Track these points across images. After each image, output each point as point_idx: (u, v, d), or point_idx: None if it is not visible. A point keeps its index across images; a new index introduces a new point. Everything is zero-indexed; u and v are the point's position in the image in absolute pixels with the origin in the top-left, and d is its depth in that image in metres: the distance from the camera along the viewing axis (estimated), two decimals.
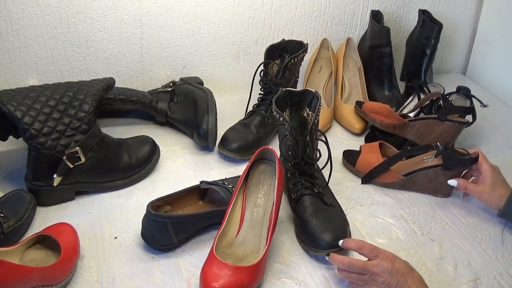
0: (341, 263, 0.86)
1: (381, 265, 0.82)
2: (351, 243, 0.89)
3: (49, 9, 1.20)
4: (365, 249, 0.86)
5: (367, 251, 0.86)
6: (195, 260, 0.92)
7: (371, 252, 0.85)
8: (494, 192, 1.01)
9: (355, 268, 0.84)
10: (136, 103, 1.24)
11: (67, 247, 0.85)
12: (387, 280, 0.81)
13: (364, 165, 1.15)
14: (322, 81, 1.43)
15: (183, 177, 1.12)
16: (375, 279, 0.82)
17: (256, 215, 0.94)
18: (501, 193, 1.01)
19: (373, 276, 0.82)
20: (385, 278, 0.81)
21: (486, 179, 1.02)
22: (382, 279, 0.81)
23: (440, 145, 1.07)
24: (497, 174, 1.03)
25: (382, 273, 0.81)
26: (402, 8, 1.56)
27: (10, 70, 1.24)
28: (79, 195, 1.04)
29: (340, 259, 0.87)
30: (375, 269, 0.82)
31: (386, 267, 0.82)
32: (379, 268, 0.82)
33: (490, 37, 1.61)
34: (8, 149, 1.15)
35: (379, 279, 0.82)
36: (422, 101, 1.28)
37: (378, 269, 0.82)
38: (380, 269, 0.82)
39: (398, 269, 0.81)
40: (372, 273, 0.82)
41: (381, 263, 0.82)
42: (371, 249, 0.85)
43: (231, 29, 1.39)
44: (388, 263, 0.82)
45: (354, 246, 0.88)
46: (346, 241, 0.90)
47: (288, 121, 0.99)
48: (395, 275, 0.81)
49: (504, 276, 0.94)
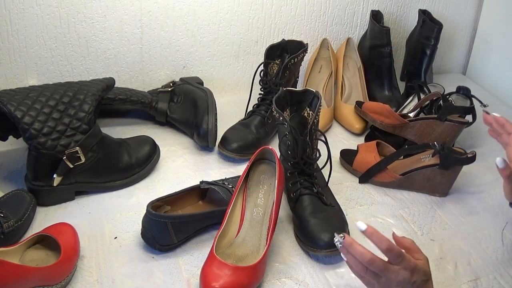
0: (361, 255, 0.75)
1: (401, 274, 0.75)
2: (380, 240, 0.75)
3: (49, 9, 1.20)
4: (392, 253, 0.75)
5: (393, 255, 0.75)
6: (195, 260, 0.92)
7: (396, 258, 0.75)
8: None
9: (375, 267, 0.75)
10: (136, 103, 1.24)
11: (67, 247, 0.85)
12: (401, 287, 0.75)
13: (361, 165, 1.15)
14: (322, 81, 1.43)
15: (183, 177, 1.12)
16: (389, 284, 0.76)
17: (256, 215, 0.94)
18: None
19: (389, 281, 0.76)
20: (397, 285, 0.75)
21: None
22: (395, 286, 0.75)
23: (437, 144, 1.07)
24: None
25: (398, 282, 0.75)
26: (402, 8, 1.56)
27: (10, 70, 1.24)
28: (79, 195, 1.04)
29: (360, 251, 0.75)
30: (393, 276, 0.75)
31: (405, 277, 0.75)
32: (397, 276, 0.75)
33: (490, 37, 1.61)
34: (8, 149, 1.15)
35: (394, 287, 0.76)
36: (422, 101, 1.28)
37: (396, 276, 0.75)
38: (398, 277, 0.75)
39: (415, 282, 0.75)
40: (389, 278, 0.75)
41: (401, 272, 0.75)
42: (398, 255, 0.75)
43: (231, 29, 1.39)
44: (408, 273, 0.75)
45: (383, 246, 0.75)
46: (373, 234, 0.76)
47: (287, 121, 0.99)
48: (412, 281, 0.75)
49: (504, 276, 0.94)
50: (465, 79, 1.70)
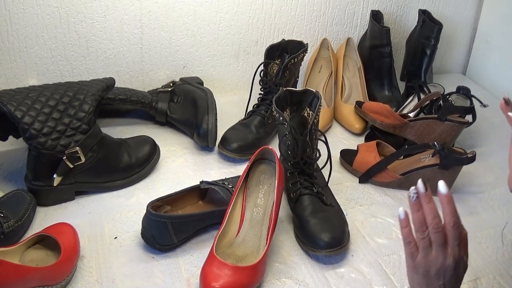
0: (432, 218, 0.67)
1: (449, 259, 0.68)
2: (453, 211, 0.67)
3: (49, 9, 1.20)
4: (457, 231, 0.68)
5: (455, 234, 0.68)
6: (195, 260, 0.92)
7: (457, 239, 0.68)
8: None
9: (438, 235, 0.67)
10: (136, 103, 1.24)
11: (67, 247, 0.85)
12: (439, 275, 0.69)
13: (361, 165, 1.15)
14: (322, 81, 1.43)
15: (183, 177, 1.12)
16: (432, 264, 0.69)
17: (256, 215, 0.94)
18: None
19: (434, 260, 0.69)
20: (440, 273, 0.69)
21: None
22: (435, 270, 0.69)
23: (437, 144, 1.07)
24: None
25: (442, 266, 0.68)
26: (402, 8, 1.56)
27: (10, 70, 1.24)
28: (79, 195, 1.04)
29: (435, 214, 0.67)
30: (442, 257, 0.68)
31: (450, 264, 0.68)
32: (445, 260, 0.68)
33: (490, 37, 1.61)
34: (8, 149, 1.15)
35: (433, 269, 0.69)
36: (422, 101, 1.28)
37: (444, 260, 0.68)
38: (445, 262, 0.68)
39: (453, 274, 0.69)
40: (437, 257, 0.68)
41: (450, 258, 0.68)
42: (457, 237, 0.68)
43: (231, 29, 1.39)
44: (454, 263, 0.68)
45: (453, 218, 0.67)
46: (451, 202, 0.68)
47: (287, 121, 0.99)
48: (448, 277, 0.69)
49: (504, 276, 0.94)
50: (465, 79, 1.70)
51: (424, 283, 0.70)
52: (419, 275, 0.70)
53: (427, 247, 0.69)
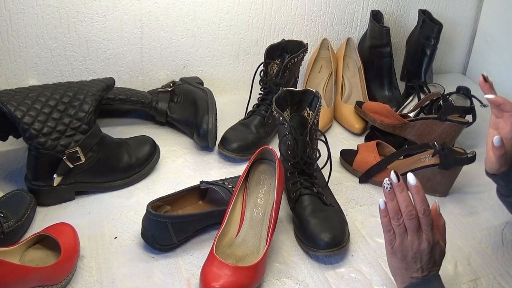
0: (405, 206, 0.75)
1: (423, 243, 0.75)
2: (422, 200, 0.74)
3: (49, 9, 1.20)
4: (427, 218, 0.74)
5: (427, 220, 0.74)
6: (195, 260, 0.92)
7: (428, 225, 0.75)
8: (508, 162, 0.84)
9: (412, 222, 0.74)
10: (136, 103, 1.24)
11: (67, 247, 0.85)
12: (415, 259, 0.76)
13: (361, 164, 1.15)
14: (322, 81, 1.43)
15: (183, 177, 1.12)
16: (408, 249, 0.76)
17: (256, 215, 0.94)
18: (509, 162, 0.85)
19: (410, 244, 0.75)
20: (416, 257, 0.75)
21: (509, 149, 0.83)
22: (412, 254, 0.76)
23: (437, 144, 1.07)
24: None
25: (417, 250, 0.75)
26: (402, 8, 1.56)
27: (10, 70, 1.24)
28: (79, 195, 1.04)
29: (408, 202, 0.75)
30: (417, 242, 0.75)
31: (425, 248, 0.75)
32: (420, 244, 0.75)
33: (490, 37, 1.61)
34: (8, 149, 1.15)
35: (410, 253, 0.76)
36: (422, 101, 1.28)
37: (419, 244, 0.75)
38: (420, 246, 0.75)
39: (431, 257, 0.76)
40: (412, 242, 0.75)
41: (424, 242, 0.75)
42: (430, 222, 0.75)
43: (231, 29, 1.39)
44: (429, 247, 0.75)
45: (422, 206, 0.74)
46: (419, 192, 0.75)
47: (287, 121, 0.99)
48: (425, 260, 0.75)
49: (504, 276, 0.94)
50: (465, 79, 1.70)
51: (403, 267, 0.77)
52: (397, 259, 0.77)
53: (402, 233, 0.76)
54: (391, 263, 0.80)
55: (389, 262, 0.80)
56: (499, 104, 0.83)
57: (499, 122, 0.84)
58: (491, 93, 0.84)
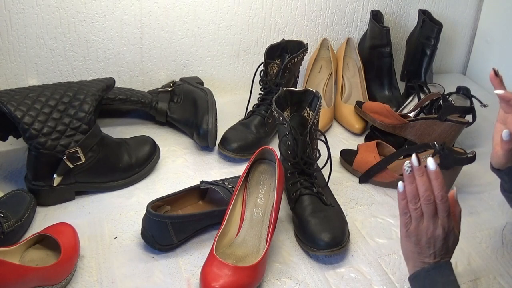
0: (424, 191, 0.75)
1: (439, 229, 0.75)
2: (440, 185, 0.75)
3: (49, 9, 1.20)
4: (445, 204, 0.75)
5: (444, 207, 0.74)
6: (195, 260, 0.92)
7: (445, 211, 0.75)
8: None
9: (429, 206, 0.74)
10: (136, 103, 1.24)
11: (67, 247, 0.85)
12: (429, 244, 0.76)
13: (361, 164, 1.15)
14: (322, 81, 1.43)
15: (183, 177, 1.12)
16: (423, 233, 0.76)
17: (256, 215, 0.94)
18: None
19: (425, 229, 0.75)
20: (430, 242, 0.76)
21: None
22: (426, 239, 0.76)
23: (437, 144, 1.07)
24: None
25: (432, 235, 0.75)
26: (402, 8, 1.56)
27: (10, 70, 1.24)
28: (79, 195, 1.04)
29: (427, 186, 0.75)
30: (433, 227, 0.75)
31: (440, 234, 0.75)
32: (435, 230, 0.75)
33: (490, 37, 1.61)
34: (8, 149, 1.15)
35: (424, 238, 0.76)
36: (422, 101, 1.28)
37: (434, 229, 0.75)
38: (435, 232, 0.75)
39: (444, 244, 0.76)
40: (428, 227, 0.75)
41: (440, 228, 0.75)
42: (447, 209, 0.74)
43: (231, 29, 1.39)
44: (444, 233, 0.75)
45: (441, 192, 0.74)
46: (438, 177, 0.75)
47: (287, 121, 0.99)
48: (438, 246, 0.75)
49: (504, 276, 0.94)
50: (465, 79, 1.70)
51: (416, 251, 0.77)
52: (411, 243, 0.77)
53: (419, 217, 0.76)
54: (405, 246, 0.79)
55: (402, 246, 0.80)
56: (509, 99, 0.83)
57: (508, 117, 0.84)
58: (500, 88, 0.83)
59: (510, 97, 0.83)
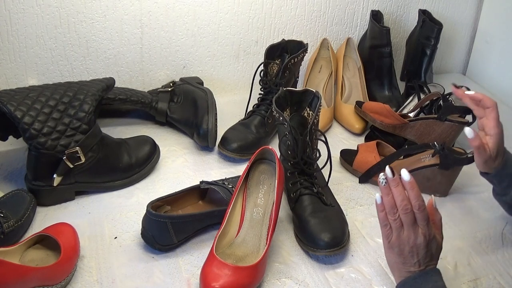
0: (400, 201, 0.76)
1: (420, 237, 0.76)
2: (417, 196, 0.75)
3: (49, 9, 1.20)
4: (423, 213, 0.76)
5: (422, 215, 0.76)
6: (195, 260, 0.92)
7: (424, 220, 0.76)
8: (497, 160, 0.88)
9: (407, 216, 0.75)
10: (136, 103, 1.24)
11: (67, 247, 0.85)
12: (412, 253, 0.77)
13: (361, 164, 1.15)
14: (322, 81, 1.43)
15: (183, 177, 1.12)
16: (405, 242, 0.77)
17: (256, 215, 0.94)
18: (499, 160, 0.89)
19: (406, 239, 0.77)
20: (413, 251, 0.77)
21: (494, 146, 0.87)
22: (408, 248, 0.77)
23: (437, 144, 1.07)
24: (503, 140, 0.88)
25: (414, 244, 0.76)
26: (402, 8, 1.56)
27: (10, 70, 1.24)
28: (79, 195, 1.04)
29: (403, 196, 0.76)
30: (413, 236, 0.76)
31: (422, 242, 0.76)
32: (416, 239, 0.76)
33: (490, 37, 1.61)
34: (8, 149, 1.15)
35: (407, 248, 0.77)
36: (422, 101, 1.28)
37: (415, 238, 0.76)
38: (417, 240, 0.76)
39: (427, 251, 0.77)
40: (409, 236, 0.76)
41: (421, 236, 0.76)
42: (426, 217, 0.76)
43: (231, 29, 1.39)
44: (425, 241, 0.76)
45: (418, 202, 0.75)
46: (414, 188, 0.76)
47: (287, 121, 0.99)
48: (421, 254, 0.77)
49: (504, 276, 0.94)
50: (465, 79, 1.70)
51: (400, 261, 0.78)
52: (395, 254, 0.78)
53: (399, 228, 0.77)
54: (389, 257, 0.81)
55: (387, 257, 0.81)
56: (479, 100, 0.86)
57: (483, 121, 0.87)
58: (467, 95, 0.88)
59: (480, 98, 0.86)
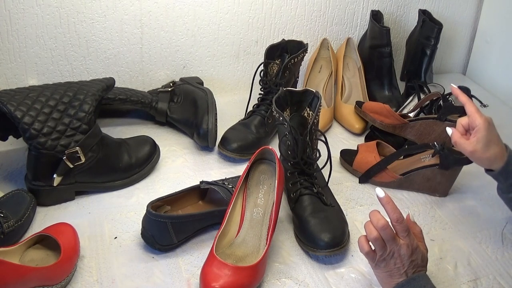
0: (377, 221, 0.79)
1: (403, 248, 0.78)
2: (393, 210, 0.79)
3: (49, 9, 1.20)
4: (401, 225, 0.79)
5: (401, 227, 0.79)
6: (195, 260, 0.92)
7: (404, 231, 0.79)
8: (487, 151, 0.87)
9: (386, 233, 0.78)
10: (136, 103, 1.24)
11: (67, 247, 0.85)
12: (398, 265, 0.79)
13: (361, 165, 1.15)
14: (322, 81, 1.43)
15: (183, 177, 1.12)
16: (390, 257, 0.79)
17: (256, 215, 0.94)
18: (496, 152, 0.88)
19: (390, 253, 0.79)
20: (397, 263, 0.79)
21: (480, 137, 0.87)
22: (393, 261, 0.79)
23: (437, 144, 1.07)
24: (491, 131, 0.88)
25: (398, 256, 0.79)
26: (402, 8, 1.56)
27: (10, 70, 1.24)
28: (79, 195, 1.04)
29: (378, 217, 0.79)
30: (396, 248, 0.78)
31: (405, 252, 0.78)
32: (400, 250, 0.78)
33: (490, 37, 1.61)
34: (8, 149, 1.15)
35: (392, 260, 0.79)
36: (422, 101, 1.28)
37: (399, 250, 0.78)
38: (400, 251, 0.78)
39: (413, 261, 0.79)
40: (392, 250, 0.79)
41: (404, 247, 0.78)
42: (406, 228, 0.79)
43: (231, 29, 1.39)
44: (409, 250, 0.78)
45: (394, 215, 0.79)
46: (389, 203, 0.80)
47: (287, 121, 0.99)
48: (407, 265, 0.79)
49: (504, 276, 0.94)
50: (465, 79, 1.70)
51: (387, 275, 0.81)
52: (381, 270, 0.81)
53: (382, 248, 0.79)
54: (377, 274, 0.83)
55: (376, 275, 0.84)
56: (457, 95, 0.92)
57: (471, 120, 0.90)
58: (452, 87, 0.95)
59: (457, 93, 0.92)
